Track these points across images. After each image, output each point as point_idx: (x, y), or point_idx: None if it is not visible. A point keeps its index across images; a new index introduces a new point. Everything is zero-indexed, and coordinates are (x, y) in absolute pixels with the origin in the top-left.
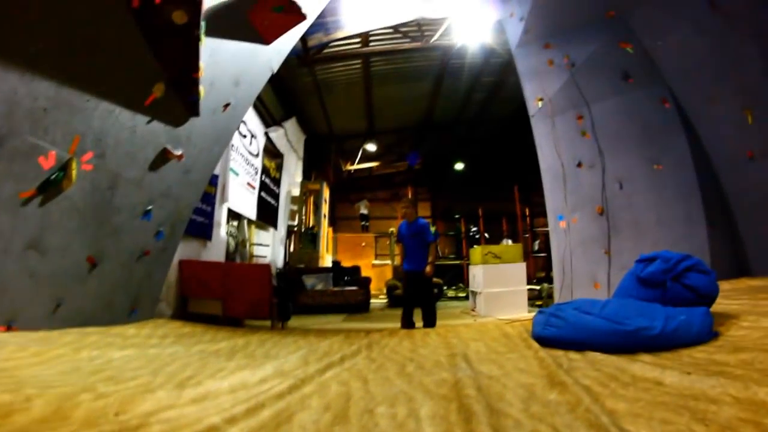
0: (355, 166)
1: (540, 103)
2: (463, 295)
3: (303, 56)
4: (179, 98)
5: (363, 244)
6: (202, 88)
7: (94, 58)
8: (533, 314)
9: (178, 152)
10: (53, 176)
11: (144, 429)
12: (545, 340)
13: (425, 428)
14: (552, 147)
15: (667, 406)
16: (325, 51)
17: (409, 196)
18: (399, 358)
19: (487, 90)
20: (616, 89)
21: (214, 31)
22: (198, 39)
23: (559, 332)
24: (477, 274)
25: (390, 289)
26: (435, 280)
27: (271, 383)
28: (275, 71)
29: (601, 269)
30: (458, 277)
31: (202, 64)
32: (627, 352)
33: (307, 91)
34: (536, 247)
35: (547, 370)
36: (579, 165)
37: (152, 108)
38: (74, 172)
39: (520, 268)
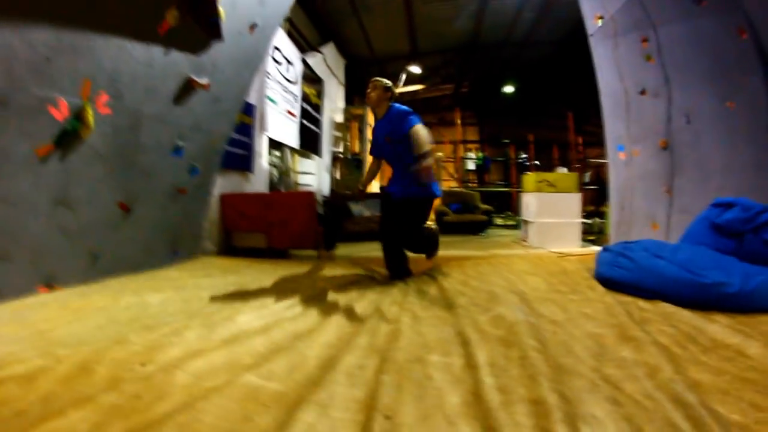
0: (400, 89)
1: (600, 22)
2: (512, 223)
3: None
4: (197, 22)
5: None
6: (222, 9)
7: None
8: (587, 249)
9: (204, 81)
10: (68, 126)
11: (168, 379)
12: (611, 282)
13: (485, 380)
14: (614, 70)
15: (755, 385)
16: None
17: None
18: (450, 289)
19: (537, 8)
20: (687, 12)
21: None
22: None
23: (628, 275)
24: (530, 202)
25: (439, 215)
26: (483, 206)
27: (311, 320)
28: None
29: (660, 209)
30: (506, 204)
31: None
32: (700, 308)
33: (343, 13)
34: (587, 179)
35: (617, 320)
36: (642, 92)
37: (168, 37)
38: (91, 118)
39: (575, 199)
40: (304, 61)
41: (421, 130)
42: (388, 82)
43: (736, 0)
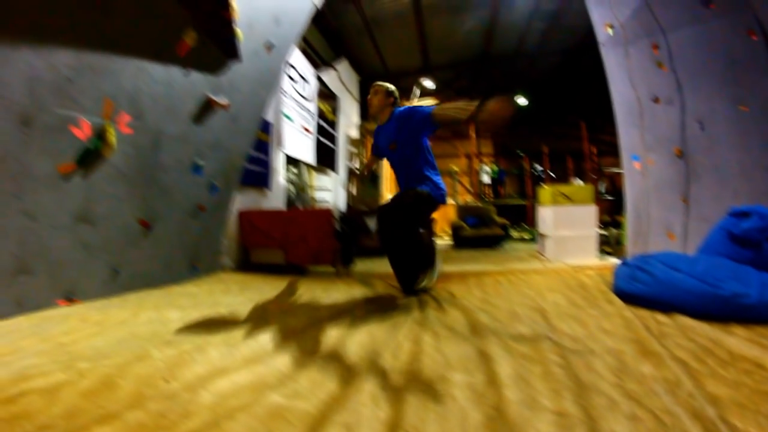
0: (414, 104)
1: (610, 30)
2: (528, 236)
3: None
4: (214, 43)
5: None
6: (239, 30)
7: (110, 16)
8: (604, 261)
9: (223, 101)
10: (90, 145)
11: (192, 397)
12: (630, 296)
13: (507, 394)
14: (626, 79)
15: None
16: None
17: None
18: (470, 308)
19: (547, 18)
20: (696, 16)
21: None
22: None
23: (647, 289)
24: (546, 215)
25: (456, 230)
26: (500, 220)
27: (332, 339)
28: (318, 6)
29: (677, 218)
30: (522, 217)
31: (233, 3)
32: (718, 320)
33: (356, 30)
34: (603, 189)
35: (636, 334)
36: (655, 100)
37: (187, 58)
38: (112, 138)
39: (591, 211)
40: (319, 78)
41: (433, 116)
42: (391, 86)
43: (745, 1)
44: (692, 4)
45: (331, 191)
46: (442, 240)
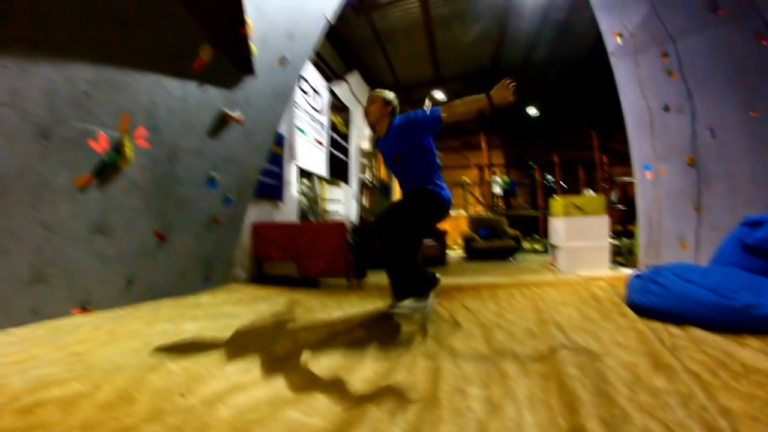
0: None
1: (619, 39)
2: (540, 248)
3: (357, 5)
4: (230, 58)
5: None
6: (253, 46)
7: (127, 32)
8: (616, 272)
9: (238, 115)
10: (108, 158)
11: (210, 412)
12: (643, 308)
13: (525, 415)
14: (636, 88)
15: None
16: None
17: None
18: (486, 323)
19: (556, 28)
20: (704, 22)
21: None
22: None
23: (659, 301)
24: (558, 227)
25: (468, 242)
26: (511, 231)
27: (348, 354)
28: (330, 20)
29: (689, 227)
30: (534, 228)
31: (248, 19)
32: (731, 331)
33: (366, 42)
34: (614, 198)
35: (649, 347)
36: (666, 109)
37: (202, 73)
38: (129, 151)
39: (603, 222)
40: (331, 91)
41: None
42: (390, 94)
43: (753, 6)
44: (700, 11)
45: (343, 203)
46: (454, 252)
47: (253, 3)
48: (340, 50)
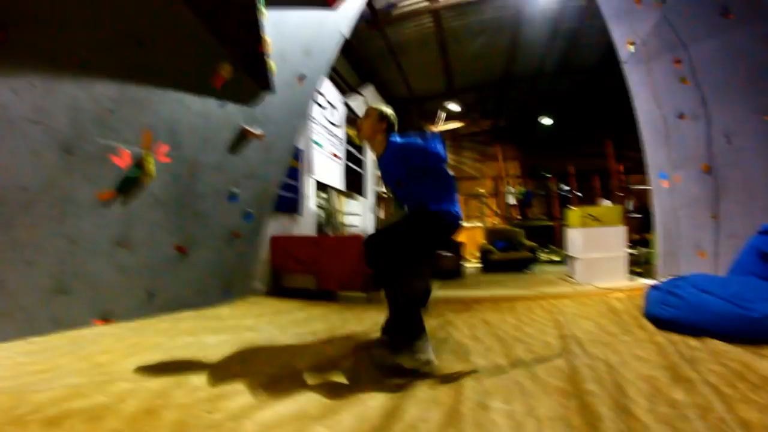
0: (440, 128)
1: (632, 47)
2: (557, 258)
3: (371, 20)
4: (249, 76)
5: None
6: (272, 63)
7: (150, 51)
8: (634, 283)
9: (258, 131)
10: (130, 174)
11: (236, 427)
12: (661, 321)
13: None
14: (650, 96)
15: None
16: (394, 12)
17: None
18: (505, 337)
19: (567, 37)
20: (716, 27)
21: (273, 2)
22: (257, 11)
23: (678, 313)
24: (575, 238)
25: (484, 253)
26: (528, 243)
27: (370, 371)
28: (346, 36)
29: (706, 236)
30: (550, 238)
31: (267, 37)
32: (750, 343)
33: (381, 56)
34: (630, 207)
35: (668, 360)
36: (681, 116)
37: (223, 90)
38: (151, 167)
39: (620, 232)
40: (346, 104)
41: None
42: (387, 110)
43: (764, 9)
44: (711, 16)
45: (360, 216)
46: (471, 263)
47: (272, 21)
48: (354, 64)
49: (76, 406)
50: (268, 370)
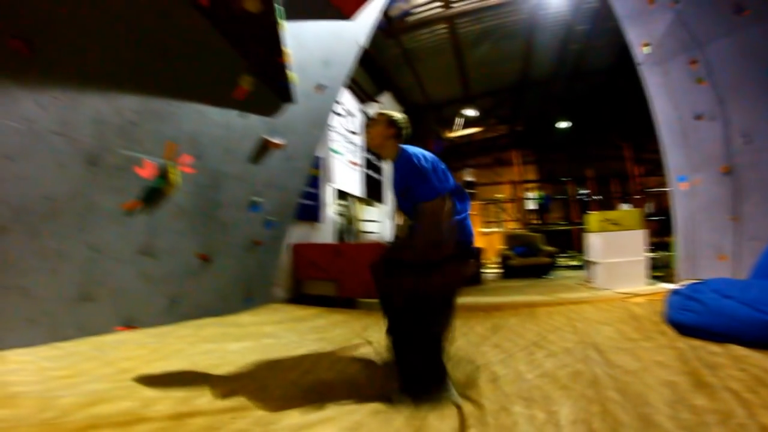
0: (458, 134)
1: (647, 49)
2: (576, 263)
3: (387, 28)
4: (270, 87)
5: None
6: (292, 74)
7: (172, 64)
8: (654, 287)
9: (279, 141)
10: (154, 184)
11: None
12: (682, 326)
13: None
14: (666, 98)
15: None
16: (409, 19)
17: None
18: (526, 344)
19: (582, 39)
20: (731, 26)
21: (292, 14)
22: (276, 24)
23: (698, 318)
24: (594, 242)
25: (504, 259)
26: (547, 248)
27: (393, 381)
28: (364, 46)
29: (727, 239)
30: (568, 243)
31: (287, 49)
32: None
33: (397, 63)
34: (649, 210)
35: (689, 366)
36: (698, 117)
37: (244, 101)
38: (175, 177)
39: (639, 236)
40: (364, 112)
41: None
42: (396, 115)
43: None
44: (726, 14)
45: (378, 222)
46: (490, 270)
47: (291, 32)
48: (371, 72)
49: (104, 411)
50: (291, 377)
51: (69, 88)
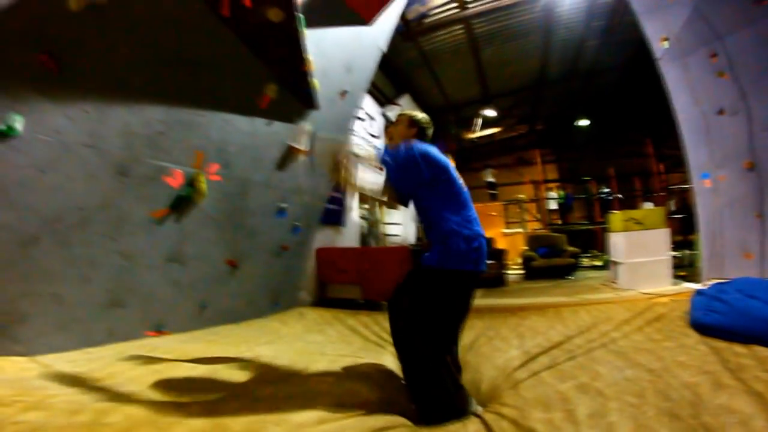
0: (478, 134)
1: (665, 44)
2: (599, 263)
3: (404, 31)
4: (294, 95)
5: (492, 213)
6: (316, 81)
7: (198, 75)
8: (678, 287)
9: (305, 146)
10: (183, 192)
11: None
12: (706, 327)
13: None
14: (687, 93)
15: None
16: (425, 22)
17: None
18: (546, 344)
19: (599, 35)
20: (750, 16)
21: (313, 22)
22: (298, 32)
23: (723, 319)
24: (617, 242)
25: (527, 260)
26: (570, 248)
27: None
28: (384, 51)
29: (752, 236)
30: (591, 242)
31: (309, 57)
32: None
33: (415, 65)
34: (672, 207)
35: (712, 367)
36: (720, 112)
37: (269, 109)
38: (203, 185)
39: (663, 235)
40: (384, 115)
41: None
42: (419, 115)
43: None
44: (745, 4)
45: (401, 225)
46: (513, 271)
47: (312, 40)
48: (390, 75)
49: (137, 414)
50: (325, 380)
51: (98, 102)
